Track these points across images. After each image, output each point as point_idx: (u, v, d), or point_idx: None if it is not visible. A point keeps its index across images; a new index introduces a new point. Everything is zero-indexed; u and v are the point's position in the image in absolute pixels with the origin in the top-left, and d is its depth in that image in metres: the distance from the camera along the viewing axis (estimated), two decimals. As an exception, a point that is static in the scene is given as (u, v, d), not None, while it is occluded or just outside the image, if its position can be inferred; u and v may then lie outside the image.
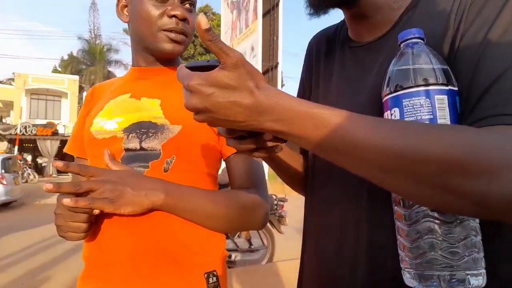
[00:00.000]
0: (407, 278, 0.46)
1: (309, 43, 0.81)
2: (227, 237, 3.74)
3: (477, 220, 0.45)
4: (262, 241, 3.93)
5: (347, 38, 0.69)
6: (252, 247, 3.83)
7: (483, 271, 0.44)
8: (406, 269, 0.47)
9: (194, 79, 0.43)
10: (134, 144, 0.77)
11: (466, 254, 0.43)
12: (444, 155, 0.39)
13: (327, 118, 0.43)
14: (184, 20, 0.81)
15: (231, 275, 3.23)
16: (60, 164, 0.67)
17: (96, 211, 0.68)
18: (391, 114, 0.48)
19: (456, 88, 0.46)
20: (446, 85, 0.45)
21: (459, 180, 0.38)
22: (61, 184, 0.66)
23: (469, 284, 0.42)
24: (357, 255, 0.57)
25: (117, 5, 0.88)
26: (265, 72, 10.36)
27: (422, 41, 0.49)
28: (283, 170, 0.75)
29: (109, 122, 0.80)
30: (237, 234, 3.82)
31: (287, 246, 5.13)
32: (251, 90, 0.43)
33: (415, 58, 0.47)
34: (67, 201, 0.64)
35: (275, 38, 10.20)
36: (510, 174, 0.37)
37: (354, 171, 0.45)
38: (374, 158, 0.41)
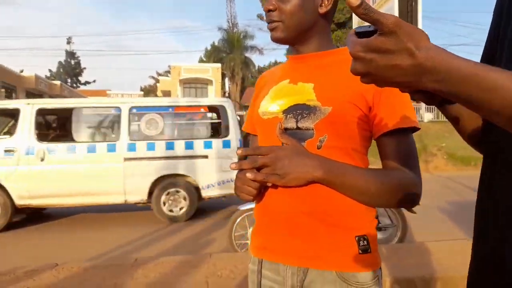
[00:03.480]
0: None
1: None
2: None
3: None
4: (390, 219, 3.82)
5: None
6: (380, 225, 3.75)
7: None
8: None
9: (356, 47, 0.46)
10: (291, 124, 0.89)
11: None
12: None
13: (494, 81, 0.41)
14: (270, 11, 0.92)
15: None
16: (239, 151, 0.86)
17: (269, 184, 0.86)
18: None
19: None
20: None
21: None
22: (241, 162, 0.84)
23: None
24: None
25: None
26: (403, 42, 9.55)
27: None
28: (458, 127, 0.73)
29: (272, 105, 0.94)
30: None
31: (421, 226, 4.84)
32: (411, 52, 0.43)
33: None
34: (249, 175, 0.83)
35: (413, 3, 9.27)
36: None
37: None
38: None
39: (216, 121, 6.14)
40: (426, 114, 17.41)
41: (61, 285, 2.54)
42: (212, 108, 6.21)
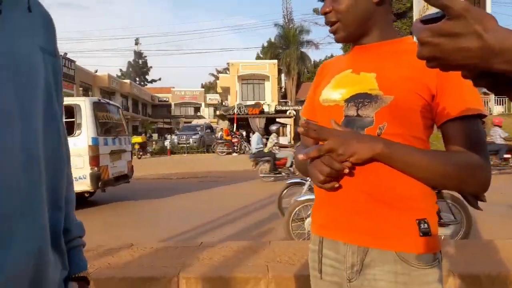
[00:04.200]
0: None
1: None
2: None
3: None
4: (454, 215, 3.68)
5: None
6: (441, 221, 3.60)
7: None
8: None
9: (422, 32, 0.47)
10: (352, 111, 0.91)
11: None
12: None
13: None
14: (326, 13, 0.95)
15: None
16: (301, 129, 0.87)
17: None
18: None
19: None
20: None
21: None
22: (308, 153, 0.86)
23: None
24: None
25: None
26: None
27: None
28: None
29: (334, 93, 0.96)
30: None
31: (489, 224, 4.55)
32: (479, 34, 0.44)
33: None
34: (319, 180, 0.87)
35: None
36: None
37: None
38: None
39: (70, 120, 6.11)
40: (496, 107, 16.00)
41: (136, 263, 2.84)
42: (67, 107, 6.08)
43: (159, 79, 49.10)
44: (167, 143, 19.95)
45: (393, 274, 0.86)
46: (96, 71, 22.33)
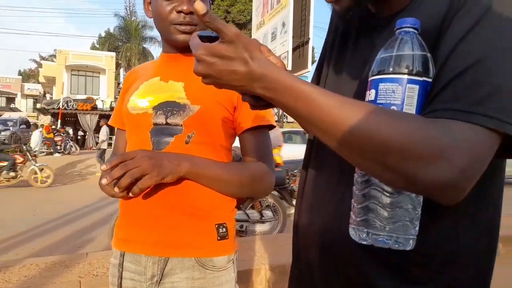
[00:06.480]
0: (350, 231, 0.57)
1: (331, 17, 0.79)
2: (239, 209, 4.01)
3: (420, 197, 0.52)
4: (273, 213, 4.18)
5: (366, 11, 0.67)
6: (263, 218, 4.08)
7: (411, 237, 0.51)
8: (351, 225, 0.57)
9: (200, 50, 0.51)
10: (161, 119, 0.92)
11: (397, 220, 0.51)
12: (387, 138, 0.46)
13: (305, 93, 0.49)
14: (190, 13, 0.91)
15: (242, 243, 3.51)
16: (104, 167, 0.80)
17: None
18: (368, 95, 0.53)
19: (430, 80, 0.50)
20: (421, 76, 0.49)
21: (396, 161, 0.46)
22: (112, 174, 0.78)
23: (395, 244, 0.51)
24: (327, 213, 0.66)
25: (144, 2, 1.03)
26: (295, 48, 10.30)
27: (415, 31, 0.51)
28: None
29: (142, 101, 0.95)
30: (249, 206, 4.06)
31: None
32: (246, 61, 0.50)
33: (401, 46, 0.50)
34: (111, 195, 0.83)
35: (306, 13, 10.06)
36: (438, 163, 0.44)
37: (323, 141, 0.53)
38: (334, 131, 0.49)
39: None
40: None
41: None
42: None
43: (-44, 58, 38.97)
44: (-36, 140, 15.83)
45: (190, 280, 0.89)
46: None
